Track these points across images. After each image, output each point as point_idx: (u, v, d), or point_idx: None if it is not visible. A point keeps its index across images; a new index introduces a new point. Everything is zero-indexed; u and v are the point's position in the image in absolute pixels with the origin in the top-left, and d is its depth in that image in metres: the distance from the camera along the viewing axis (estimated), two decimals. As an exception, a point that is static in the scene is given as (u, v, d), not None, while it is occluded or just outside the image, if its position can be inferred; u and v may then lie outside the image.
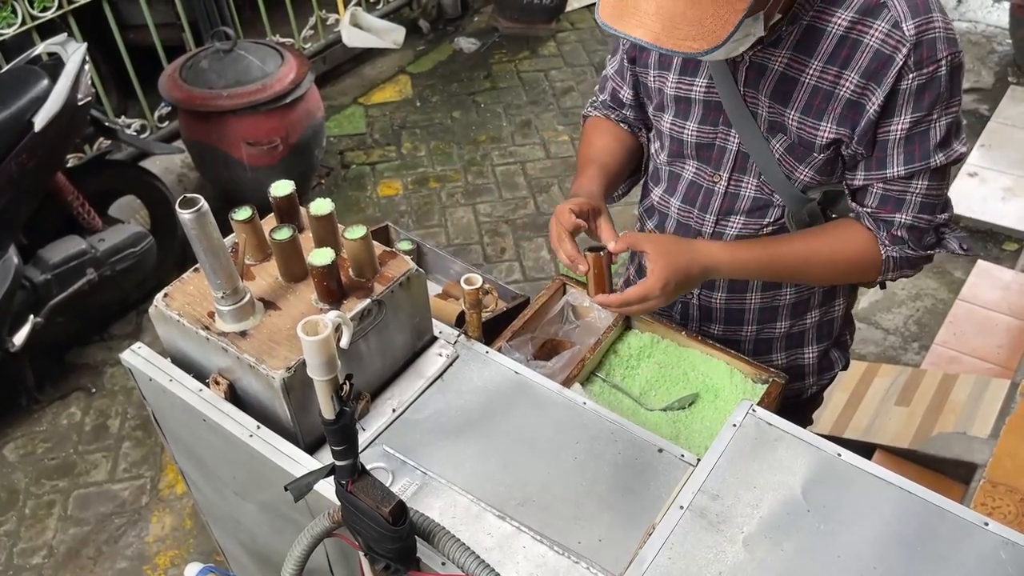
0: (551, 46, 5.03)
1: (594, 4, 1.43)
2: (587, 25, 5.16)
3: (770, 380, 1.46)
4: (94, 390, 3.13)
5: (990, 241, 3.59)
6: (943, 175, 1.31)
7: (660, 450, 1.21)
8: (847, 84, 1.23)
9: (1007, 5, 4.55)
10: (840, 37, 1.22)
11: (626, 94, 1.56)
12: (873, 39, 1.20)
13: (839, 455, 1.15)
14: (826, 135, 1.28)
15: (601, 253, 1.33)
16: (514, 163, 4.19)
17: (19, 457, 2.92)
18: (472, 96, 4.64)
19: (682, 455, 1.20)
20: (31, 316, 2.82)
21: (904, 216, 1.32)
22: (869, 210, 1.35)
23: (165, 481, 2.83)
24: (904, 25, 1.18)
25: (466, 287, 1.34)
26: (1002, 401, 2.57)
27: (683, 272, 1.30)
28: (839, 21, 1.21)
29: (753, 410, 1.20)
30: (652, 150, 1.57)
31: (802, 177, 1.35)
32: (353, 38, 4.45)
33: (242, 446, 1.21)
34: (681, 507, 1.10)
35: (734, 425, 1.19)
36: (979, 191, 3.77)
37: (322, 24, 4.58)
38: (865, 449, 2.57)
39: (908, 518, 1.08)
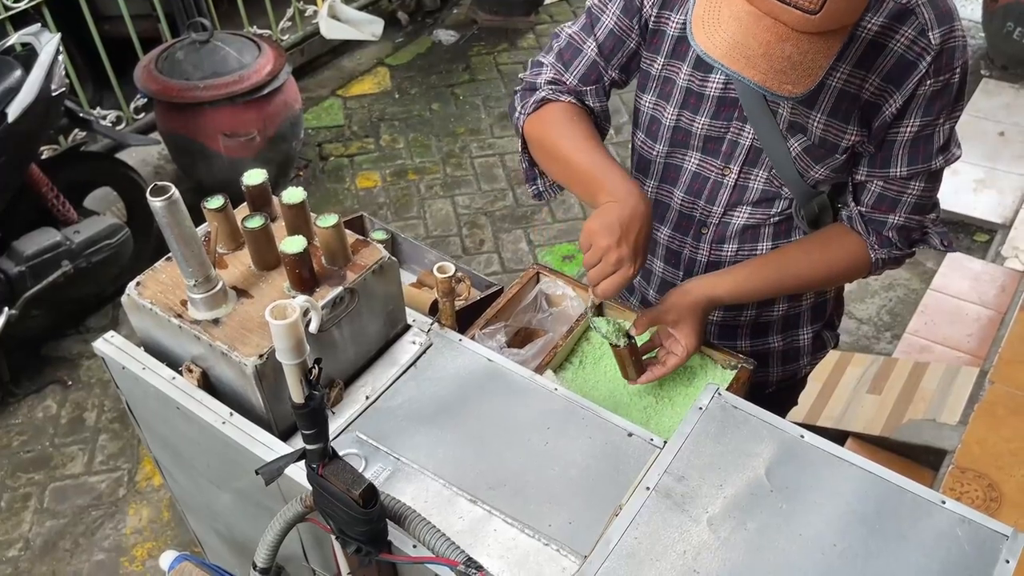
0: (530, 39, 5.04)
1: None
2: (565, 18, 5.17)
3: (739, 366, 1.48)
4: (70, 383, 3.12)
5: (961, 232, 3.65)
6: (938, 177, 1.36)
7: (630, 434, 1.23)
8: (868, 87, 1.26)
9: (980, -1, 4.61)
10: (869, 42, 1.23)
11: (609, 76, 1.45)
12: (898, 44, 1.22)
13: (802, 436, 1.17)
14: (851, 138, 1.30)
15: (632, 343, 1.42)
16: (493, 155, 4.20)
17: (-6, 450, 2.91)
18: (451, 88, 4.64)
19: (651, 439, 1.22)
20: (5, 308, 2.80)
21: (897, 217, 1.37)
22: (864, 209, 1.39)
23: (142, 473, 2.83)
24: (931, 34, 1.20)
25: (438, 275, 1.35)
26: (971, 389, 2.63)
27: (704, 318, 1.43)
28: (868, 26, 1.22)
29: (719, 393, 1.23)
30: (636, 142, 1.53)
31: (816, 176, 1.37)
32: (331, 30, 4.44)
33: (216, 433, 1.22)
34: (647, 488, 1.12)
35: (700, 408, 1.21)
36: (951, 183, 3.82)
37: (300, 16, 4.57)
38: (838, 437, 2.62)
39: (868, 497, 1.10)
